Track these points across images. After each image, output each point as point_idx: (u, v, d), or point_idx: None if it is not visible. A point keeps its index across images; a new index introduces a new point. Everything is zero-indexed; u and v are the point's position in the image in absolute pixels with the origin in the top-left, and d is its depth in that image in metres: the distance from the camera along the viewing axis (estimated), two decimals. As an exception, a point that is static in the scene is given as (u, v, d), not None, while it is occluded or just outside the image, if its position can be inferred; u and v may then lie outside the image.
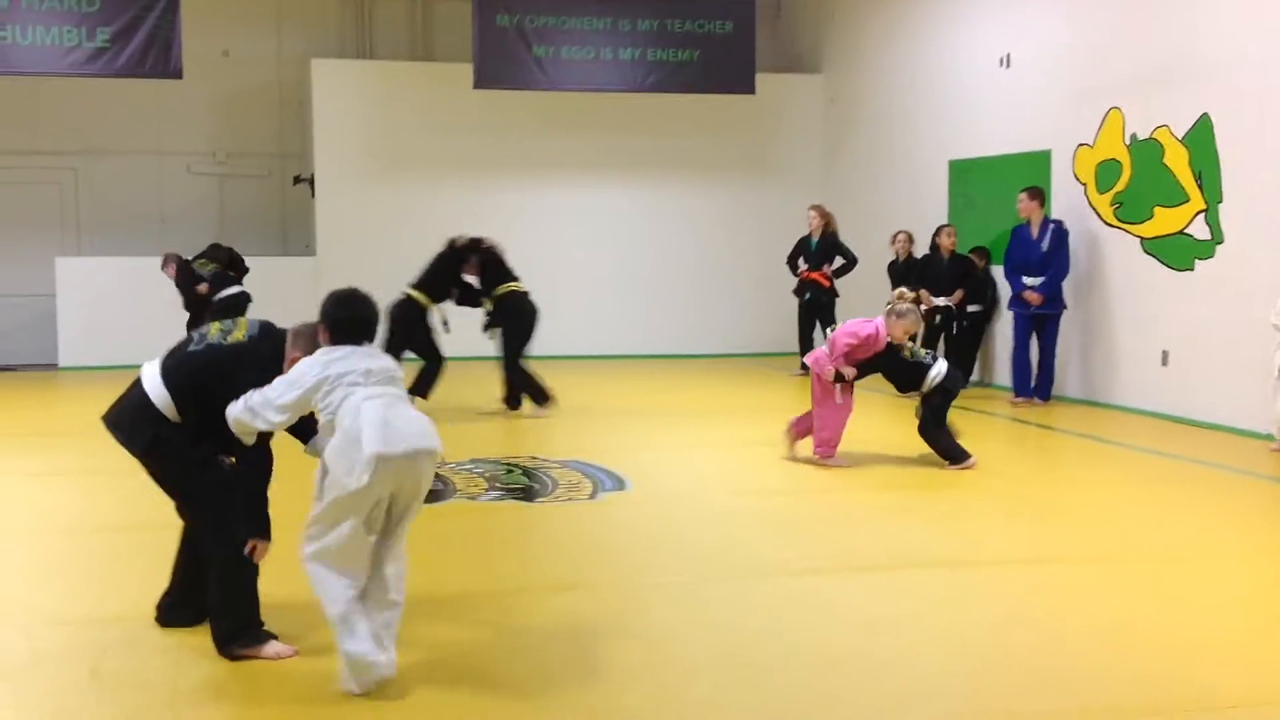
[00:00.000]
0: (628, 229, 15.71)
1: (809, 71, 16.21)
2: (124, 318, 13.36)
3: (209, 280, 12.85)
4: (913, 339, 8.69)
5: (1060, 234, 11.08)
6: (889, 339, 8.33)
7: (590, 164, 15.51)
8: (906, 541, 6.34)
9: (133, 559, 5.80)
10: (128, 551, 5.98)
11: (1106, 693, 4.22)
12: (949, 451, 8.36)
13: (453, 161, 15.14)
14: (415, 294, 10.52)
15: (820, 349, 8.62)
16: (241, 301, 12.72)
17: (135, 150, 15.29)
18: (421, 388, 10.36)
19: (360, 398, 4.11)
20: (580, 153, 15.46)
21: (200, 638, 4.58)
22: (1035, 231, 11.19)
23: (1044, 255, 11.09)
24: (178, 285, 12.88)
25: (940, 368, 8.48)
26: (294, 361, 4.32)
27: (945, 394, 8.46)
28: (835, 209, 13.78)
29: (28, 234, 14.96)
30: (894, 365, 8.47)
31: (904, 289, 8.88)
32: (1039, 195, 11.23)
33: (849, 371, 8.26)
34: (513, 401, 10.64)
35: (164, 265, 13.02)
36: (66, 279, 13.95)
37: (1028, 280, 11.14)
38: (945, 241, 12.20)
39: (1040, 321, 11.21)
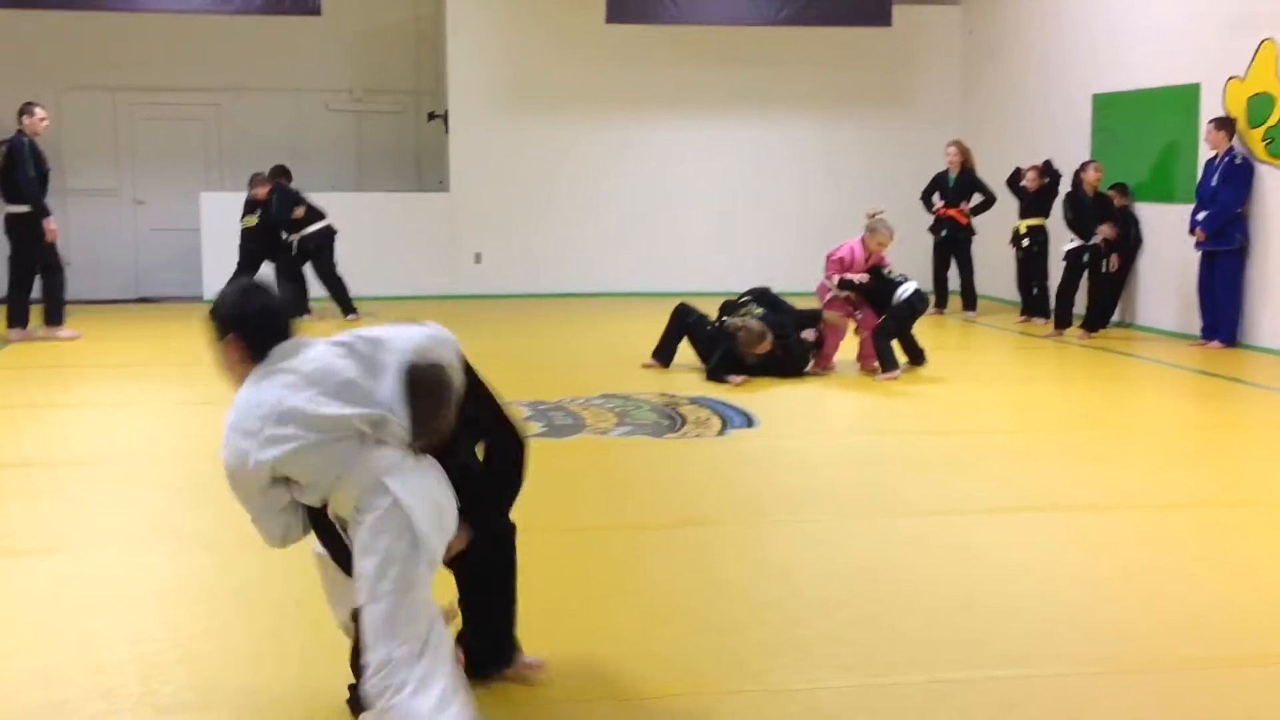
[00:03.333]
0: (761, 164, 15.57)
1: (946, 2, 15.82)
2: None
3: (307, 206, 12.88)
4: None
5: (1231, 166, 10.56)
6: (868, 255, 9.35)
7: (723, 98, 15.37)
8: (1042, 484, 6.23)
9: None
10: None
11: (1254, 641, 4.13)
12: (885, 357, 9.22)
13: (586, 96, 15.15)
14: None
15: (823, 280, 9.63)
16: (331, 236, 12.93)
17: (275, 87, 15.57)
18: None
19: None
20: (713, 87, 15.34)
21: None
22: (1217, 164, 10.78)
23: (1213, 189, 10.72)
24: (269, 207, 12.75)
25: (909, 287, 9.31)
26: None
27: (911, 310, 9.31)
28: (972, 144, 13.50)
29: (174, 169, 15.37)
30: (875, 283, 9.33)
31: (873, 206, 9.79)
32: (1223, 125, 10.65)
33: (854, 278, 9.34)
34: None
35: (256, 185, 12.87)
36: (210, 213, 14.30)
37: (1199, 216, 10.79)
38: (1090, 177, 11.85)
39: (1212, 258, 10.78)
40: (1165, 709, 3.62)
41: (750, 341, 9.05)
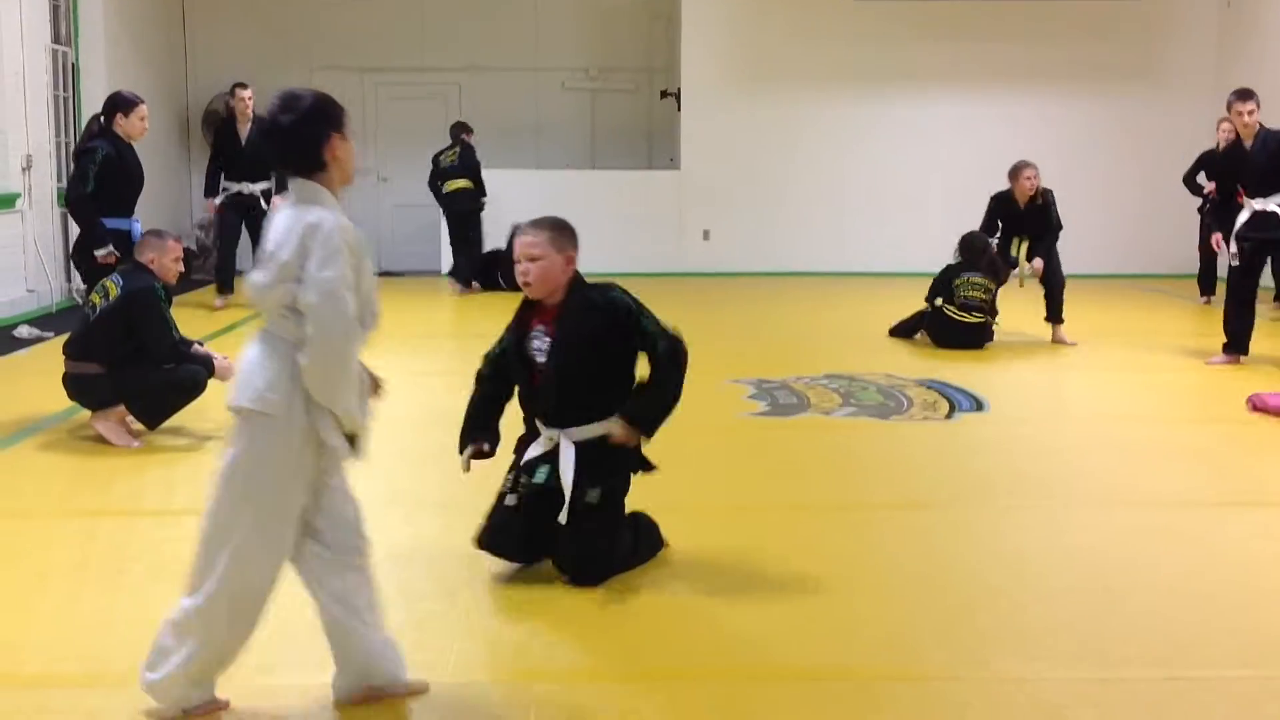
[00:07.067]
0: (999, 142, 15.10)
1: (1204, -28, 15.08)
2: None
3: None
4: None
5: None
6: None
7: (966, 74, 15.01)
8: (1292, 478, 5.91)
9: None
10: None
11: None
12: None
13: (818, 74, 15.00)
14: None
15: None
16: None
17: (513, 67, 15.93)
18: None
19: None
20: (955, 63, 14.98)
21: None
22: None
23: None
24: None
25: None
26: None
27: None
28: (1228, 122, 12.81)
29: (417, 146, 15.81)
30: None
31: None
32: None
33: None
34: None
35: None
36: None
37: None
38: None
39: None
40: None
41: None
